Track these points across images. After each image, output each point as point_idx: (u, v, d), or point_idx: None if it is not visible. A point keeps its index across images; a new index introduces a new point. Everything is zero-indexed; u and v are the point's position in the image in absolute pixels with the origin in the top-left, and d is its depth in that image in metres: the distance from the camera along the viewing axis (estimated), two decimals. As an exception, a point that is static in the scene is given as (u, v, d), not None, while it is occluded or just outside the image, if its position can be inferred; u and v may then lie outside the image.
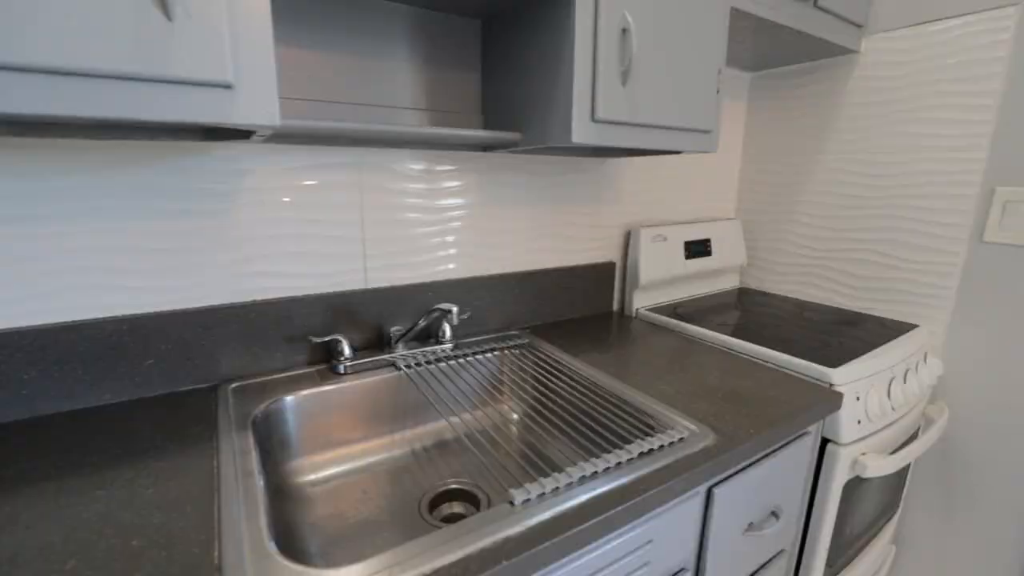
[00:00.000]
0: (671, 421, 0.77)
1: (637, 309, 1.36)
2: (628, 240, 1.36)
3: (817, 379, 0.97)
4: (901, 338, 1.15)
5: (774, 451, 0.84)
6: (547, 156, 1.18)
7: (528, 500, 0.58)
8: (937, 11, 1.17)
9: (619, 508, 0.58)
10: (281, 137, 0.84)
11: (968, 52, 1.13)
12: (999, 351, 1.16)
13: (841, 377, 0.95)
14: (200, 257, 0.84)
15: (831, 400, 0.88)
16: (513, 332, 1.17)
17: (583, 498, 0.59)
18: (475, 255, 1.13)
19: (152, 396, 0.82)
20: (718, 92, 0.97)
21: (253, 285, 0.89)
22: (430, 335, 1.07)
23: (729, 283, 1.62)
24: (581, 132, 0.80)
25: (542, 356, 1.03)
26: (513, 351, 1.07)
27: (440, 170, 1.04)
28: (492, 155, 1.10)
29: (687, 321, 1.24)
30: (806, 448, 0.92)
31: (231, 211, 0.85)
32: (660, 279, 1.35)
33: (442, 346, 1.02)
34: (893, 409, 1.04)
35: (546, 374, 0.96)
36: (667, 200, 1.46)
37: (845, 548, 1.11)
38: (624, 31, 0.80)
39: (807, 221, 1.47)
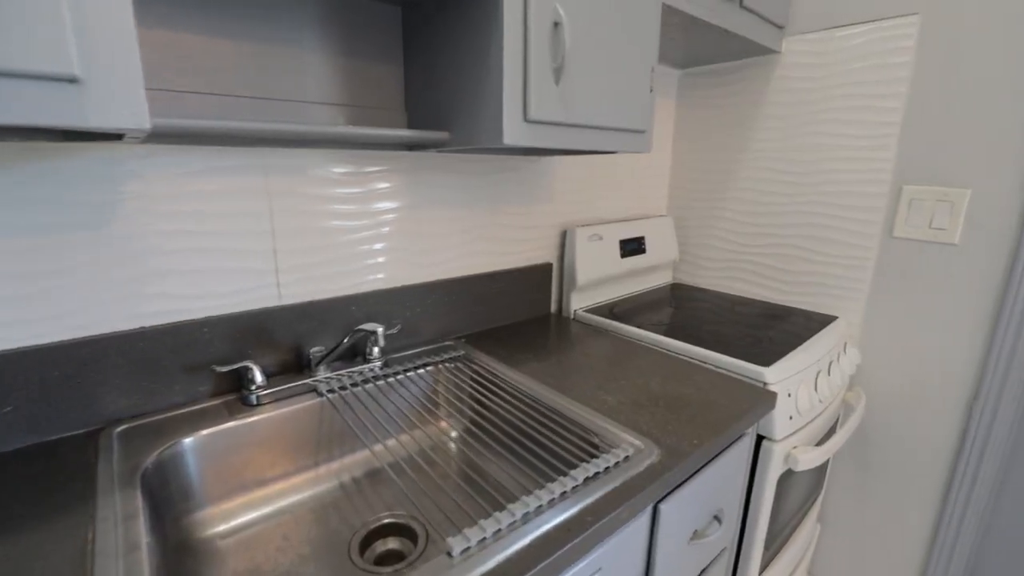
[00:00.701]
0: (615, 438, 0.74)
1: (575, 311, 1.33)
2: (564, 240, 1.33)
3: (752, 378, 0.98)
4: (824, 331, 1.20)
5: (716, 457, 0.84)
6: (479, 155, 1.12)
7: (468, 549, 0.52)
8: (847, 16, 1.22)
9: (567, 547, 0.54)
10: (164, 137, 0.71)
11: (876, 57, 1.18)
12: (907, 338, 1.24)
13: (774, 376, 0.97)
14: (74, 280, 0.70)
15: (767, 400, 0.90)
16: (448, 343, 1.10)
17: (528, 539, 0.54)
18: (406, 262, 1.05)
19: (11, 450, 0.68)
20: (651, 91, 0.94)
21: (143, 309, 0.76)
22: (357, 353, 0.98)
23: (662, 279, 1.64)
24: (513, 133, 0.74)
25: (479, 369, 0.98)
26: (448, 365, 1.00)
27: (362, 172, 0.95)
28: (421, 154, 1.02)
29: (625, 322, 1.23)
30: (745, 448, 0.93)
31: (113, 224, 0.72)
32: (597, 279, 1.33)
33: (370, 365, 0.94)
34: (820, 401, 1.08)
35: (484, 390, 0.91)
36: (601, 198, 1.44)
37: (779, 534, 1.15)
38: (556, 25, 0.75)
39: (733, 217, 1.51)
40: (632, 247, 1.44)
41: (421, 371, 0.97)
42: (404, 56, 0.95)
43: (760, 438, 0.99)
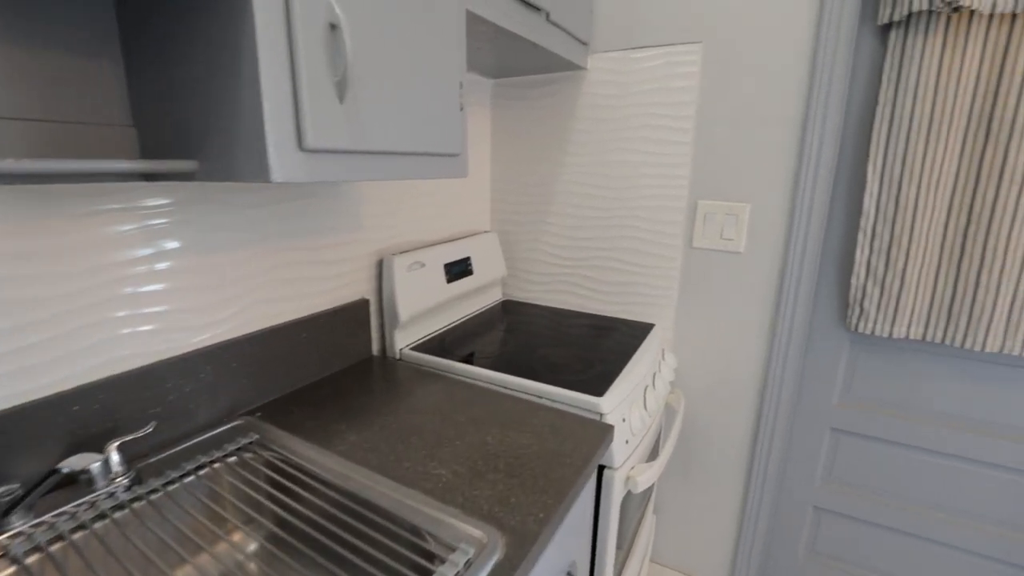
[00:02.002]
0: (453, 533, 0.62)
1: (400, 350, 1.18)
2: (381, 271, 1.16)
3: (589, 410, 0.95)
4: (645, 342, 1.25)
5: (564, 517, 0.77)
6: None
7: None
8: (640, 39, 1.26)
9: None
10: None
11: (668, 80, 1.25)
12: (711, 338, 1.35)
13: (609, 404, 0.95)
14: None
15: (606, 434, 0.86)
16: (237, 422, 0.86)
17: None
18: (166, 327, 0.78)
19: None
20: (462, 109, 0.83)
21: None
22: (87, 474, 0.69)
23: (492, 297, 1.57)
24: (285, 166, 0.56)
25: (278, 457, 0.77)
26: (233, 459, 0.77)
27: (81, 213, 0.66)
28: (173, 184, 0.76)
29: (457, 356, 1.12)
30: (590, 489, 0.89)
31: None
32: (422, 310, 1.19)
33: (110, 488, 0.66)
34: (649, 416, 1.10)
35: (285, 491, 0.70)
36: (420, 219, 1.30)
37: (624, 543, 1.16)
38: (333, 27, 0.58)
39: (557, 231, 1.50)
40: (458, 270, 1.33)
41: (192, 478, 0.72)
42: (124, 53, 0.68)
43: (600, 468, 0.97)
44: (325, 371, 1.05)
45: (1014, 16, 0.97)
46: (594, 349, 1.20)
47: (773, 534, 1.50)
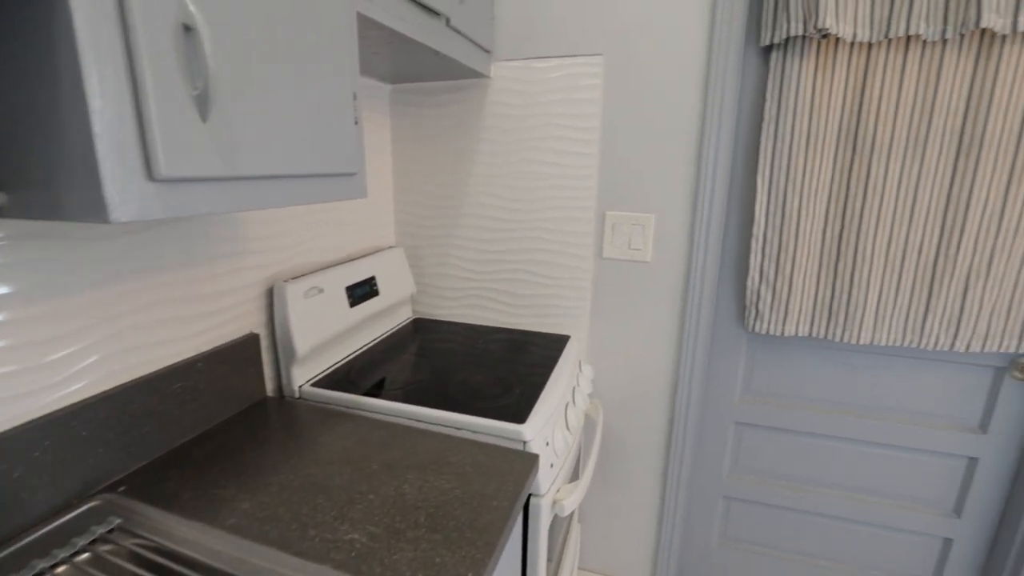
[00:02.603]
0: (371, 616, 0.54)
1: (300, 387, 1.05)
2: (272, 300, 1.03)
3: (511, 439, 0.90)
4: (562, 357, 1.23)
5: (495, 565, 0.72)
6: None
7: None
8: (542, 49, 1.25)
9: None
10: None
11: (572, 91, 1.24)
12: (624, 346, 1.37)
13: (532, 431, 0.91)
14: None
15: (531, 465, 0.82)
16: (92, 504, 0.70)
17: None
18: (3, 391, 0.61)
19: None
20: (358, 123, 0.74)
21: None
22: None
23: (402, 317, 1.48)
24: (128, 201, 0.45)
25: (147, 545, 0.63)
26: (83, 558, 0.62)
27: None
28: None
29: (365, 390, 1.02)
30: (517, 525, 0.84)
31: None
32: (323, 340, 1.08)
33: None
34: (571, 433, 1.09)
35: (157, 587, 0.58)
36: (316, 237, 1.18)
37: (553, 554, 1.14)
38: (188, 29, 0.47)
39: (467, 244, 1.44)
40: (363, 291, 1.22)
41: (24, 591, 0.57)
42: None
43: (528, 496, 0.93)
44: (208, 423, 0.90)
45: (871, 45, 1.07)
46: (512, 368, 1.16)
47: (689, 527, 1.56)
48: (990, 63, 1.02)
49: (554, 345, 1.30)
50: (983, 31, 1.01)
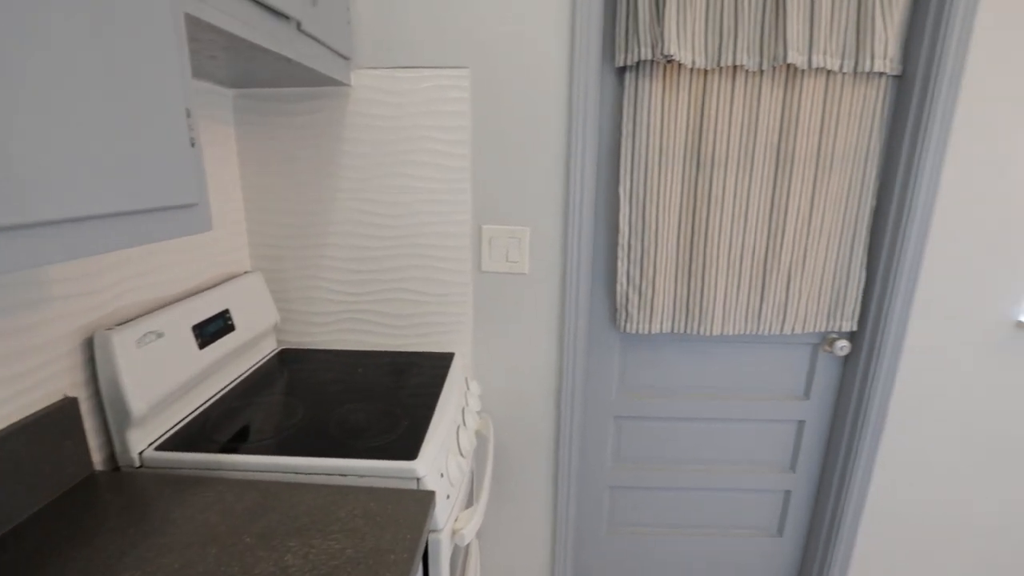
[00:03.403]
0: None
1: (141, 454, 0.88)
2: (92, 354, 0.84)
3: (404, 477, 0.85)
4: (449, 376, 1.19)
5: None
6: None
7: None
8: (406, 59, 1.19)
9: None
10: None
11: (440, 103, 1.21)
12: (508, 358, 1.38)
13: (425, 466, 0.86)
14: None
15: (428, 504, 0.78)
16: None
17: None
18: None
19: None
20: (194, 145, 0.63)
21: None
22: None
23: (266, 349, 1.32)
24: None
25: None
26: None
27: None
28: None
29: (226, 446, 0.89)
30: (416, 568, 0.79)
31: None
32: (167, 394, 0.91)
33: None
34: (464, 457, 1.06)
35: None
36: (148, 273, 0.99)
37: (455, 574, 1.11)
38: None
39: (337, 264, 1.33)
40: (215, 328, 1.06)
41: None
42: None
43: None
44: (12, 520, 0.71)
45: (707, 71, 1.20)
46: (397, 396, 1.09)
47: (580, 522, 1.63)
48: (795, 92, 1.21)
49: (439, 365, 1.26)
50: (789, 65, 1.19)
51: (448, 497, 0.92)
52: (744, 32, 1.15)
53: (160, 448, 0.88)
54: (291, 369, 1.24)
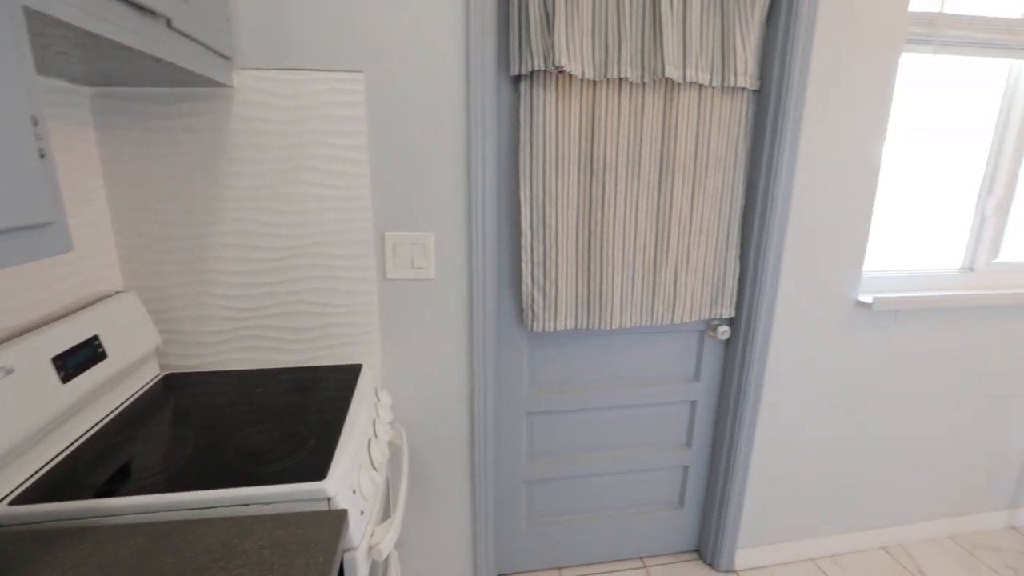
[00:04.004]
0: None
1: (-8, 510, 0.76)
2: (-80, 399, 0.71)
3: (314, 499, 0.82)
4: (357, 389, 1.16)
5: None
6: None
7: None
8: (295, 60, 1.14)
9: None
10: None
11: (334, 107, 1.17)
12: (419, 365, 1.37)
13: (335, 484, 0.84)
14: None
15: (340, 525, 0.76)
16: None
17: None
18: None
19: None
20: (44, 156, 0.56)
21: None
22: None
23: (146, 377, 1.19)
24: None
25: None
26: None
27: None
28: None
29: (100, 491, 0.79)
30: (332, 594, 0.76)
31: None
32: (23, 439, 0.80)
33: None
34: (377, 471, 1.04)
35: None
36: (-8, 297, 0.86)
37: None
38: None
39: (226, 278, 1.24)
40: (81, 358, 0.94)
41: None
42: None
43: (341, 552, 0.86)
44: None
45: (596, 82, 1.27)
46: (302, 414, 1.04)
47: (500, 518, 1.66)
48: (673, 103, 1.32)
49: (346, 378, 1.22)
50: (668, 79, 1.30)
51: (362, 513, 0.90)
52: (627, 47, 1.24)
53: (17, 502, 0.77)
54: (178, 395, 1.13)
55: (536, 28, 1.19)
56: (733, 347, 1.61)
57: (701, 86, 1.33)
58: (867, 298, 1.57)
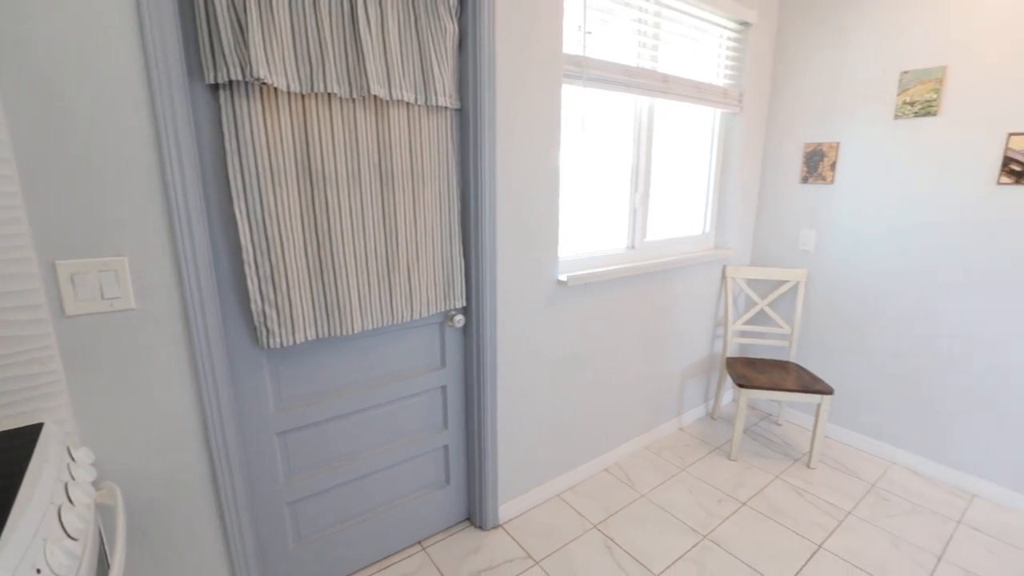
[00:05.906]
0: None
1: None
2: None
3: (-29, 597, 0.67)
4: (35, 455, 0.96)
5: None
6: None
7: None
8: None
9: None
10: None
11: None
12: (131, 409, 1.20)
13: (7, 567, 0.70)
14: None
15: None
16: None
17: None
18: None
19: None
20: None
21: None
22: None
23: None
24: None
25: None
26: None
27: None
28: None
29: None
30: None
31: None
32: None
33: None
34: (75, 539, 0.89)
35: None
36: None
37: None
38: None
39: None
40: None
41: None
42: None
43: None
44: None
45: (304, 95, 1.29)
46: (-54, 502, 0.82)
47: (263, 546, 1.57)
48: (386, 119, 1.43)
49: (20, 443, 1.00)
50: (376, 96, 1.40)
51: (57, 593, 0.77)
52: (331, 65, 1.29)
53: None
54: None
55: (228, 37, 1.15)
56: (469, 331, 1.84)
57: (408, 104, 1.47)
58: (564, 277, 1.97)
